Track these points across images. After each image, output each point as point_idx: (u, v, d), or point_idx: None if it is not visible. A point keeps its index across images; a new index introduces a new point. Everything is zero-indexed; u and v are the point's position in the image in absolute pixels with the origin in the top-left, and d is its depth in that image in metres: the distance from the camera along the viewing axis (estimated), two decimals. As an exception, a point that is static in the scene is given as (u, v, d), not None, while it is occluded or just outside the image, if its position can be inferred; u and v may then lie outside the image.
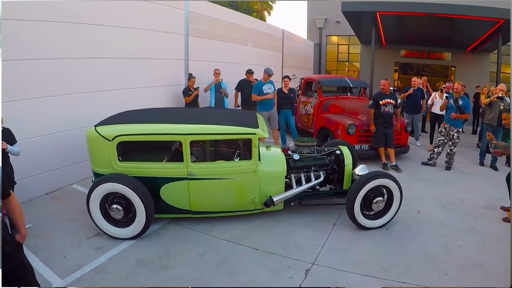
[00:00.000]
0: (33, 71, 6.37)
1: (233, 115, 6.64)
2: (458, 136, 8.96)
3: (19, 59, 6.10)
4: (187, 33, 10.31)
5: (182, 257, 4.88)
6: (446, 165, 9.10)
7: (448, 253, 5.06)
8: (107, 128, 5.36)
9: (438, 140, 9.14)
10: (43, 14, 6.42)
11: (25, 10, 6.11)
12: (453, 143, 8.98)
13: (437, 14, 13.37)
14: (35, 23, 6.32)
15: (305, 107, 11.56)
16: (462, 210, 6.59)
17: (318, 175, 6.15)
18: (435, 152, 9.18)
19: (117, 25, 7.97)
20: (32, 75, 6.36)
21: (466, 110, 8.92)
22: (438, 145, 9.13)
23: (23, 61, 6.18)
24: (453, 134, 8.93)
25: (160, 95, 9.56)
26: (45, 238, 5.25)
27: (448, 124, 9.00)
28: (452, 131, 8.94)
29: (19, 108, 6.15)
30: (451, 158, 9.10)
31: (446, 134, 9.03)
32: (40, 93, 6.54)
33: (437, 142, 9.18)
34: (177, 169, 5.33)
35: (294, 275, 4.49)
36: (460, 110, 8.85)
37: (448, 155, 9.11)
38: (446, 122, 9.06)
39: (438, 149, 9.14)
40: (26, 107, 6.31)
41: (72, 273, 4.46)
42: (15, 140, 5.42)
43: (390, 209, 5.71)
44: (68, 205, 6.44)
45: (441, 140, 9.09)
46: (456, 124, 8.96)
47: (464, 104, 8.89)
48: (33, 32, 6.30)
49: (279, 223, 5.85)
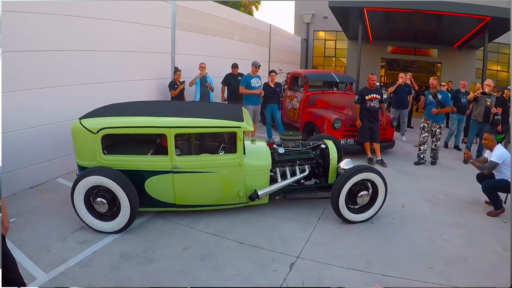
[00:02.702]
0: (19, 63, 6.27)
1: (218, 108, 6.62)
2: (440, 132, 9.03)
3: (5, 51, 5.99)
4: (174, 27, 10.25)
5: (167, 251, 4.86)
6: (432, 160, 9.16)
7: (433, 247, 5.10)
8: (91, 121, 5.31)
9: (423, 137, 9.14)
10: (28, 7, 6.29)
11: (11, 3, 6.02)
12: (436, 139, 9.04)
13: (424, 11, 13.43)
14: (22, 14, 6.22)
15: (291, 102, 11.59)
16: (447, 204, 6.65)
17: (303, 169, 6.17)
18: (422, 150, 9.18)
19: (104, 18, 7.89)
20: (17, 67, 6.26)
21: (446, 103, 8.99)
22: (423, 142, 9.13)
23: (9, 53, 6.07)
24: (435, 130, 8.99)
25: (146, 88, 9.50)
26: (29, 232, 5.19)
27: (430, 120, 9.04)
28: (434, 127, 9.00)
29: (3, 101, 6.05)
30: (435, 153, 9.17)
31: (429, 130, 9.09)
32: (25, 85, 6.44)
33: (422, 139, 9.17)
34: (161, 162, 5.30)
35: (279, 269, 4.49)
36: (441, 104, 8.91)
37: (432, 150, 9.16)
38: (428, 118, 9.08)
39: (424, 146, 9.14)
40: (11, 99, 6.19)
41: (56, 267, 4.42)
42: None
43: (375, 203, 5.74)
44: (53, 199, 6.38)
45: (425, 137, 9.12)
46: (437, 119, 9.00)
47: (443, 98, 8.96)
48: (18, 24, 6.19)
49: (264, 217, 5.85)
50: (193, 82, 10.18)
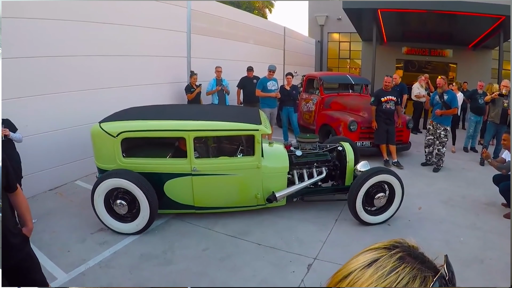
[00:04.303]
0: (38, 69, 6.43)
1: (236, 111, 6.70)
2: (445, 135, 8.63)
3: (22, 56, 6.15)
4: (189, 31, 10.34)
5: (186, 252, 4.94)
6: (435, 166, 8.84)
7: (449, 248, 5.06)
8: (111, 125, 5.42)
9: (428, 140, 8.93)
10: (46, 13, 6.45)
11: (27, 9, 6.14)
12: (440, 142, 8.66)
13: (438, 11, 13.34)
14: (39, 21, 6.36)
15: (306, 104, 11.60)
16: (463, 206, 6.62)
17: (320, 171, 6.19)
18: (428, 153, 9.00)
19: (120, 23, 8.02)
20: (36, 72, 6.42)
21: (452, 104, 8.54)
22: (428, 144, 8.93)
23: (27, 58, 6.25)
24: (440, 132, 8.65)
25: (163, 92, 9.61)
26: (49, 233, 5.30)
27: (435, 121, 8.74)
28: (439, 129, 8.64)
29: (23, 105, 6.21)
30: (440, 159, 8.78)
31: (434, 133, 8.78)
32: (44, 90, 6.59)
33: (426, 142, 8.97)
34: (180, 165, 5.38)
35: (296, 270, 4.54)
36: (446, 105, 8.53)
37: (436, 155, 8.81)
38: (433, 120, 8.81)
39: (429, 149, 8.94)
40: (31, 104, 6.37)
41: (76, 267, 4.53)
42: (16, 128, 5.39)
43: (391, 205, 5.75)
44: (72, 201, 6.51)
45: (430, 139, 8.87)
46: (443, 121, 8.64)
47: (449, 99, 8.53)
48: (35, 30, 6.34)
49: (281, 219, 5.90)
50: (211, 93, 10.34)
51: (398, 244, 0.91)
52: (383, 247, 0.90)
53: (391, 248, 0.89)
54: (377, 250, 0.90)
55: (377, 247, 0.91)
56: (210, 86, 10.38)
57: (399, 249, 0.88)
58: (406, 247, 0.91)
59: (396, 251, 0.88)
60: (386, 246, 0.91)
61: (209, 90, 10.36)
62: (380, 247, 0.91)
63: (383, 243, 0.92)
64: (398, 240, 0.94)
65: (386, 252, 0.88)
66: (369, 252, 0.91)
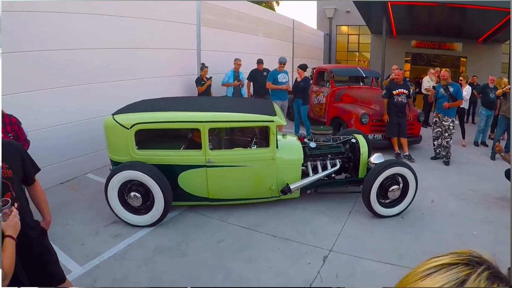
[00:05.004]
0: (47, 62, 6.39)
1: (249, 103, 6.67)
2: (453, 127, 8.64)
3: (32, 50, 6.11)
4: (198, 23, 10.30)
5: (200, 244, 4.93)
6: (444, 159, 8.84)
7: (462, 242, 5.08)
8: (125, 116, 5.39)
9: (436, 132, 8.89)
10: (51, 6, 6.38)
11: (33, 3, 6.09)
12: (449, 134, 8.64)
13: (448, 4, 13.25)
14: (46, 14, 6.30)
15: (317, 97, 11.56)
16: (475, 200, 6.58)
17: (334, 163, 6.16)
18: (436, 145, 8.96)
19: (129, 16, 7.98)
20: (46, 66, 6.38)
21: (458, 97, 8.57)
22: (436, 137, 8.90)
23: (37, 52, 6.20)
24: (448, 124, 8.62)
25: (172, 85, 9.59)
26: (62, 226, 5.28)
27: (441, 114, 8.70)
28: (446, 121, 8.61)
29: (33, 99, 6.18)
30: (448, 152, 8.75)
31: (441, 125, 8.74)
32: (54, 83, 6.56)
33: (435, 134, 8.92)
34: (195, 157, 5.36)
35: (312, 262, 4.54)
36: (452, 97, 8.53)
37: (445, 148, 8.78)
38: (439, 112, 8.76)
39: (438, 141, 8.90)
40: (41, 97, 6.33)
41: (91, 260, 4.51)
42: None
43: (405, 198, 5.72)
44: (84, 194, 6.51)
45: (438, 131, 8.83)
46: (449, 113, 8.62)
47: (455, 91, 8.55)
48: (44, 23, 6.30)
49: (295, 211, 5.89)
50: (228, 85, 10.37)
51: (476, 258, 0.84)
52: (461, 262, 0.82)
53: (472, 265, 0.82)
54: (456, 266, 0.82)
55: (453, 262, 0.83)
56: (226, 78, 10.40)
57: (484, 267, 0.81)
58: (488, 263, 0.83)
59: (482, 269, 0.81)
60: (464, 261, 0.83)
61: (226, 81, 10.39)
62: (456, 262, 0.83)
63: (456, 257, 0.84)
64: (469, 253, 0.86)
65: (470, 270, 0.80)
66: (446, 270, 0.82)
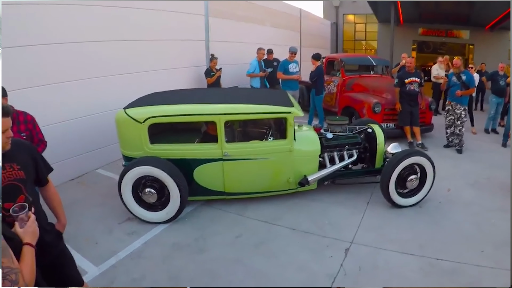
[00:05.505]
0: (52, 57, 6.25)
1: (264, 94, 6.55)
2: (465, 115, 8.61)
3: (36, 44, 5.98)
4: (207, 14, 10.17)
5: (218, 239, 4.85)
6: (457, 147, 8.73)
7: (480, 231, 5.04)
8: (137, 110, 5.25)
9: (449, 120, 8.80)
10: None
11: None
12: (461, 122, 8.58)
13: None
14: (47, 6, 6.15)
15: (328, 86, 11.43)
16: (490, 188, 6.51)
17: (351, 153, 6.08)
18: (449, 134, 8.90)
19: (135, 7, 7.85)
20: (51, 60, 6.24)
21: (470, 85, 8.51)
22: (449, 125, 8.83)
23: (40, 46, 6.06)
24: (460, 112, 8.54)
25: (181, 76, 9.46)
26: (74, 224, 5.01)
27: (454, 101, 8.62)
28: (458, 109, 8.54)
29: (39, 95, 6.06)
30: (461, 140, 8.70)
31: (453, 113, 8.66)
32: (61, 78, 6.42)
33: (448, 122, 8.85)
34: (211, 150, 5.25)
35: (334, 255, 4.47)
36: (465, 85, 8.43)
37: (458, 136, 8.71)
38: (451, 100, 8.68)
39: (451, 129, 8.83)
40: (47, 93, 6.21)
41: (106, 260, 4.40)
42: None
43: (423, 187, 5.66)
44: (95, 190, 6.39)
45: (451, 119, 8.75)
46: (461, 101, 8.54)
47: (468, 79, 8.46)
48: (47, 17, 6.15)
49: (313, 202, 5.82)
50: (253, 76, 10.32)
51: None
52: None
53: None
54: None
55: None
56: (252, 68, 10.32)
57: None
58: None
59: None
60: None
61: (251, 72, 10.32)
62: None
63: None
64: None
65: None
66: None
